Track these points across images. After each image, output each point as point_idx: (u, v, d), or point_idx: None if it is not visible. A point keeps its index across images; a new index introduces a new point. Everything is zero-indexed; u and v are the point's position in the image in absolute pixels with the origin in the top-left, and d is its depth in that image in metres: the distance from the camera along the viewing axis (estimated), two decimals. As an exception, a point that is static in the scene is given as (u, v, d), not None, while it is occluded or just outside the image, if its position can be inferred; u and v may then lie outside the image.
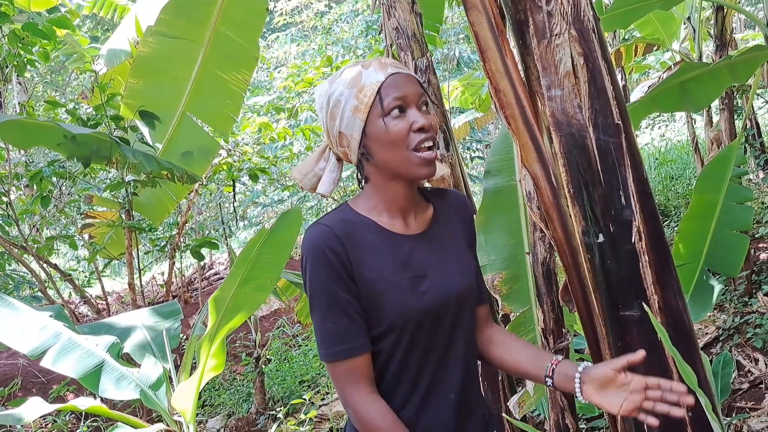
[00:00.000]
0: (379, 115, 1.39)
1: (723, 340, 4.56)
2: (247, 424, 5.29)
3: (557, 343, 2.51)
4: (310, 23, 11.22)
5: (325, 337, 1.42)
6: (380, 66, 1.42)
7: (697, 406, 1.66)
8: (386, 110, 1.39)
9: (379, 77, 1.40)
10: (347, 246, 1.41)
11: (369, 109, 1.40)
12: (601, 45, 1.75)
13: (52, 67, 10.48)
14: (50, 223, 5.42)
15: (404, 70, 1.43)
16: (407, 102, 1.40)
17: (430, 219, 1.55)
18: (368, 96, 1.39)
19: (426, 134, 1.39)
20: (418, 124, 1.39)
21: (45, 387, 6.03)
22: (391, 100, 1.39)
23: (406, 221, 1.50)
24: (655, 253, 1.72)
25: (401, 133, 1.39)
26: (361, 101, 1.40)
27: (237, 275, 2.75)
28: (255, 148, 6.80)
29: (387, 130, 1.39)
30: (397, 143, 1.39)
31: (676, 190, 8.11)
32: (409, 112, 1.40)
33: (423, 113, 1.41)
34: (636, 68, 8.67)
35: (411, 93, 1.40)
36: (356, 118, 1.41)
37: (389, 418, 1.40)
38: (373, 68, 1.41)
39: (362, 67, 1.43)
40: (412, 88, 1.41)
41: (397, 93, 1.39)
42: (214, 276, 10.21)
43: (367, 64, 1.43)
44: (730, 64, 3.73)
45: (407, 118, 1.39)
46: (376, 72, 1.40)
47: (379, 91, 1.39)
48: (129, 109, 3.99)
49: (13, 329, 2.87)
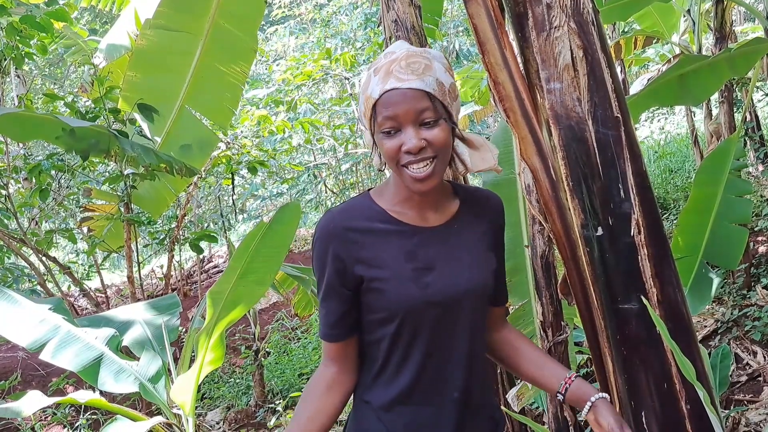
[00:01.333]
0: (377, 129, 1.41)
1: (721, 332, 4.57)
2: (247, 417, 5.30)
3: (556, 335, 2.52)
4: (308, 16, 11.20)
5: (320, 316, 1.52)
6: (384, 75, 1.38)
7: (695, 398, 1.66)
8: (379, 128, 1.39)
9: (376, 93, 1.38)
10: (350, 236, 1.44)
11: (370, 120, 1.42)
12: (600, 38, 1.75)
13: (51, 60, 10.46)
14: (49, 217, 5.41)
15: (407, 82, 1.36)
16: (400, 122, 1.37)
17: (452, 214, 1.53)
18: (368, 108, 1.41)
19: (415, 156, 1.37)
20: (406, 147, 1.36)
21: (44, 380, 6.04)
22: (383, 120, 1.38)
23: (424, 214, 1.50)
24: (654, 246, 1.72)
25: (390, 152, 1.39)
26: (366, 110, 1.42)
27: (236, 268, 2.76)
28: (254, 141, 6.80)
29: (379, 145, 1.42)
30: (388, 159, 1.40)
31: (675, 183, 8.11)
32: (404, 131, 1.37)
33: (419, 132, 1.37)
34: (635, 61, 8.66)
35: (405, 112, 1.36)
36: (364, 121, 1.45)
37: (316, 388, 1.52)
38: (379, 77, 1.39)
39: (374, 72, 1.42)
40: (407, 107, 1.36)
41: (390, 113, 1.37)
42: (213, 269, 10.21)
43: (378, 68, 1.40)
44: (729, 56, 3.72)
45: (400, 137, 1.38)
46: (377, 84, 1.39)
47: (375, 107, 1.39)
48: (128, 102, 3.98)
49: (12, 322, 2.88)
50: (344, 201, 1.54)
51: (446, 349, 1.48)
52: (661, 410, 1.71)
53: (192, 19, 4.00)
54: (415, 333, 1.45)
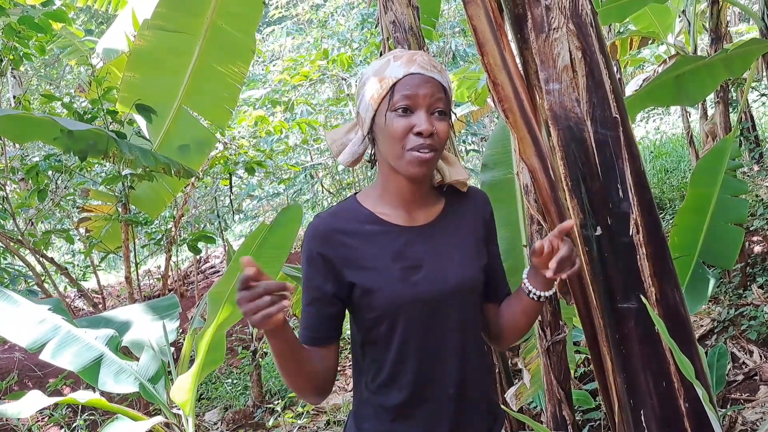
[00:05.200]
0: (387, 109, 1.42)
1: (718, 332, 4.59)
2: (245, 417, 5.30)
3: (555, 335, 2.53)
4: (305, 16, 11.19)
5: (303, 322, 1.52)
6: (407, 62, 1.43)
7: (694, 397, 1.68)
8: (393, 106, 1.41)
9: (399, 73, 1.42)
10: (339, 237, 1.47)
11: (381, 100, 1.43)
12: (598, 39, 1.76)
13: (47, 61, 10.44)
14: (46, 217, 5.40)
15: (429, 72, 1.43)
16: (416, 103, 1.41)
17: (439, 212, 1.55)
18: (384, 88, 1.43)
19: (424, 140, 1.40)
20: (418, 128, 1.39)
21: (42, 380, 6.03)
22: (400, 98, 1.41)
23: (411, 213, 1.52)
24: (653, 245, 1.73)
25: (399, 131, 1.40)
26: (377, 91, 1.44)
27: (236, 270, 2.76)
28: (251, 141, 6.79)
29: (388, 124, 1.42)
30: (394, 139, 1.41)
31: (671, 183, 8.13)
32: (417, 114, 1.41)
33: (431, 119, 1.41)
34: (631, 61, 8.69)
35: (423, 95, 1.41)
36: (370, 104, 1.45)
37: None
38: (401, 62, 1.43)
39: (393, 59, 1.46)
40: (426, 91, 1.41)
41: (408, 92, 1.40)
42: (210, 269, 10.20)
43: (400, 56, 1.46)
44: (725, 57, 3.74)
45: (411, 119, 1.41)
46: (399, 67, 1.43)
47: (393, 86, 1.42)
48: (125, 103, 3.98)
49: (12, 322, 2.88)
50: (340, 201, 1.56)
51: (439, 345, 1.49)
52: (660, 408, 1.72)
53: (190, 19, 4.00)
54: (407, 332, 1.47)
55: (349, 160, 1.56)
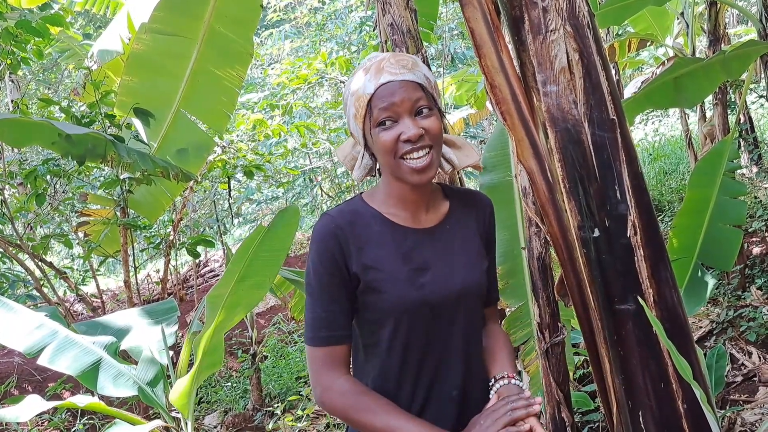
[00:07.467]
0: (371, 126, 1.43)
1: (717, 333, 4.59)
2: (244, 421, 5.29)
3: (553, 337, 2.53)
4: (303, 20, 11.19)
5: (313, 322, 1.47)
6: (376, 73, 1.42)
7: (692, 398, 1.68)
8: (375, 122, 1.42)
9: (370, 88, 1.42)
10: (349, 237, 1.46)
11: (363, 119, 1.44)
12: (596, 41, 1.76)
13: (45, 65, 10.44)
14: (45, 222, 5.39)
15: (400, 76, 1.41)
16: (396, 112, 1.41)
17: (444, 215, 1.56)
18: (362, 107, 1.44)
19: (413, 145, 1.40)
20: (405, 135, 1.39)
21: (41, 385, 6.02)
22: (378, 112, 1.41)
23: (416, 215, 1.53)
24: (651, 247, 1.73)
25: (388, 144, 1.41)
26: (357, 110, 1.45)
27: (234, 272, 2.76)
28: (249, 144, 6.79)
29: (376, 140, 1.43)
30: (386, 152, 1.42)
31: (670, 185, 8.14)
32: (401, 122, 1.41)
33: (416, 121, 1.41)
34: (629, 64, 8.70)
35: (401, 101, 1.40)
36: (356, 124, 1.47)
37: (362, 386, 1.46)
38: (370, 75, 1.43)
39: (363, 72, 1.45)
40: (402, 96, 1.40)
41: (385, 104, 1.40)
42: (209, 273, 10.19)
43: (368, 67, 1.45)
44: (723, 59, 3.74)
45: (397, 128, 1.41)
46: (370, 81, 1.42)
47: (369, 103, 1.42)
48: (123, 107, 3.98)
49: (8, 328, 2.87)
50: (339, 204, 1.56)
51: (443, 348, 1.50)
52: (658, 410, 1.72)
53: (187, 22, 4.00)
54: (410, 334, 1.47)
55: (362, 174, 1.56)
